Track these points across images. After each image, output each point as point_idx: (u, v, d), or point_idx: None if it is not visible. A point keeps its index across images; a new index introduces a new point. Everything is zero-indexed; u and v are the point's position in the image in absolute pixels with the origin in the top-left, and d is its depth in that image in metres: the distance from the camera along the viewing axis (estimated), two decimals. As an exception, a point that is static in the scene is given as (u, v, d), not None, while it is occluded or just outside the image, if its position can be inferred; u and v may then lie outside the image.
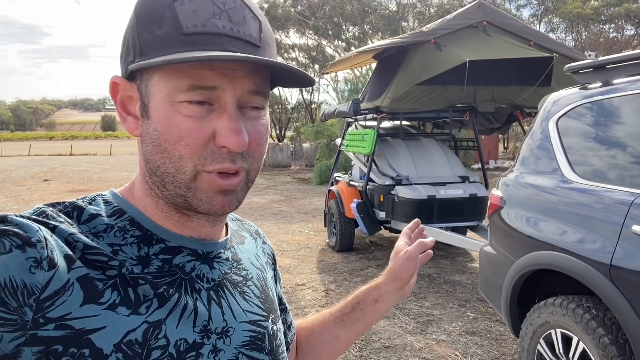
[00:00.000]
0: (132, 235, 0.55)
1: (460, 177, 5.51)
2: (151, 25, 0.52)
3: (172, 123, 0.52)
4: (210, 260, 0.60)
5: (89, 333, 0.47)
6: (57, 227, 0.50)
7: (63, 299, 0.46)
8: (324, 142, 16.61)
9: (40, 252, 0.46)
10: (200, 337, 0.54)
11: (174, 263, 0.56)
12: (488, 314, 4.09)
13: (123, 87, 0.57)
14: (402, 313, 4.11)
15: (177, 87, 0.51)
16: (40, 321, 0.45)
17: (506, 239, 2.78)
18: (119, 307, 0.49)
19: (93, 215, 0.55)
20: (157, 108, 0.53)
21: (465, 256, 5.97)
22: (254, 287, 0.65)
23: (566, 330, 2.27)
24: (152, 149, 0.54)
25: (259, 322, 0.62)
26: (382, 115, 5.45)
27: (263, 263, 0.72)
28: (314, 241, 6.92)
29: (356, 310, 0.82)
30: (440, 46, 5.16)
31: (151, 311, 0.51)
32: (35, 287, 0.45)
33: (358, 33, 24.60)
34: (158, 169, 0.54)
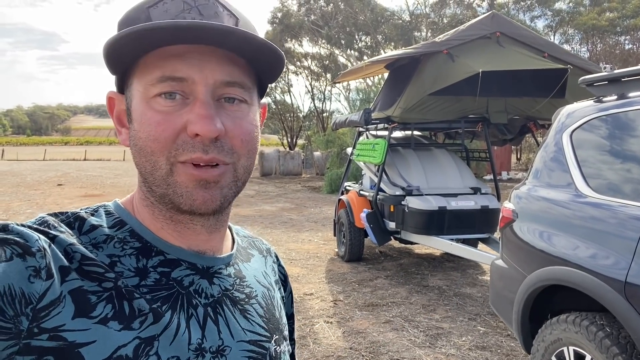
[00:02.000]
0: (132, 247, 0.55)
1: (472, 189, 5.45)
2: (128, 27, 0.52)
3: (144, 119, 0.53)
4: (210, 276, 0.59)
5: (79, 347, 0.46)
6: (57, 236, 0.50)
7: (58, 309, 0.46)
8: (335, 151, 16.61)
9: (39, 262, 0.46)
10: (194, 356, 0.52)
11: (172, 276, 0.55)
12: (499, 328, 4.01)
13: (118, 101, 0.58)
14: (411, 326, 4.06)
15: (148, 81, 0.52)
16: (35, 331, 0.45)
17: (518, 253, 2.74)
18: (111, 322, 0.48)
19: (94, 226, 0.54)
20: (136, 108, 0.54)
21: (476, 269, 5.89)
22: (257, 305, 0.63)
23: (579, 347, 2.21)
24: (135, 152, 0.55)
25: (260, 342, 0.60)
26: (394, 125, 5.43)
27: (272, 282, 0.70)
28: (323, 250, 6.89)
29: None
30: (452, 57, 5.14)
31: (145, 326, 0.50)
32: (33, 297, 0.45)
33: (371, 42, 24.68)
34: (142, 172, 0.55)
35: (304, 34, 25.29)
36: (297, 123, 28.76)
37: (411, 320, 4.18)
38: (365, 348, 3.63)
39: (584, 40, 22.94)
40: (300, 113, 28.62)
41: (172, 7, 0.53)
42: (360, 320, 4.18)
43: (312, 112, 27.58)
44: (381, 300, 4.71)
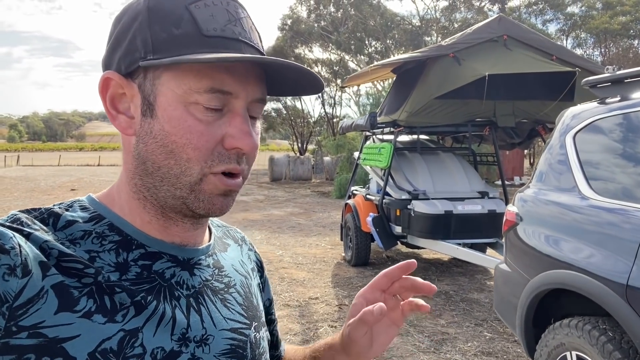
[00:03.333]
0: (111, 241, 0.54)
1: (479, 193, 5.40)
2: (167, 25, 0.51)
3: (183, 124, 0.52)
4: (191, 267, 0.59)
5: (62, 342, 0.46)
6: (31, 234, 0.49)
7: (37, 306, 0.45)
8: (345, 155, 16.59)
9: (13, 260, 0.45)
10: (178, 346, 0.53)
11: (153, 269, 0.55)
12: (505, 334, 3.96)
13: (116, 83, 0.55)
14: (416, 331, 4.03)
15: (194, 87, 0.51)
16: (13, 329, 0.44)
17: (521, 257, 2.70)
18: (95, 315, 0.48)
19: (70, 222, 0.53)
20: (167, 107, 0.52)
21: (484, 274, 5.82)
22: (236, 294, 0.63)
23: (582, 352, 2.17)
24: (156, 149, 0.53)
25: (241, 329, 0.61)
26: (400, 129, 5.42)
27: (248, 270, 0.71)
28: (330, 255, 6.88)
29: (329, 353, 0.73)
30: (459, 60, 5.12)
31: (128, 319, 0.50)
32: (9, 295, 0.44)
33: (381, 48, 24.69)
34: (159, 169, 0.53)
35: (314, 40, 25.39)
36: (308, 128, 28.83)
37: (416, 325, 4.14)
38: (368, 352, 3.60)
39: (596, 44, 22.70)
40: (310, 118, 28.69)
41: (217, 14, 0.53)
42: (365, 325, 4.15)
43: (323, 118, 27.63)
44: (387, 304, 4.67)
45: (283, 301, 4.79)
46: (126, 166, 0.57)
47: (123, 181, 0.58)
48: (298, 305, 4.68)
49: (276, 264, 6.28)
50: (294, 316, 4.38)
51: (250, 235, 8.27)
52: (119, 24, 0.55)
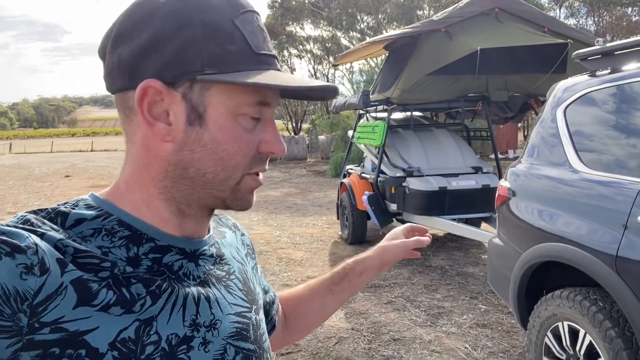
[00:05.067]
0: (121, 237, 0.56)
1: (473, 168, 5.43)
2: (221, 40, 0.54)
3: (234, 134, 0.56)
4: (196, 258, 0.62)
5: (83, 334, 0.48)
6: (45, 234, 0.50)
7: (56, 302, 0.47)
8: (340, 134, 16.52)
9: (30, 259, 0.46)
10: (190, 331, 0.56)
11: (162, 262, 0.57)
12: (500, 306, 4.04)
13: (156, 91, 0.55)
14: (412, 305, 4.10)
15: (245, 101, 0.56)
16: (36, 326, 0.46)
17: (514, 231, 2.74)
18: (112, 308, 0.50)
19: (78, 220, 0.55)
20: (218, 118, 0.56)
21: (479, 248, 5.90)
22: (236, 280, 0.67)
23: (573, 322, 2.23)
24: (204, 156, 0.56)
25: (243, 313, 0.64)
26: (393, 107, 5.40)
27: (243, 256, 0.74)
28: (327, 234, 6.93)
29: (344, 281, 0.90)
30: (450, 35, 5.07)
31: (144, 309, 0.52)
32: (28, 293, 0.46)
33: (373, 23, 24.33)
34: (204, 175, 0.57)
35: (305, 17, 24.98)
36: (302, 108, 28.61)
37: (413, 300, 4.21)
38: (366, 328, 3.67)
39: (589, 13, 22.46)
40: (303, 97, 28.39)
41: (256, 31, 0.57)
42: (362, 302, 4.23)
43: (316, 96, 27.32)
44: (383, 281, 4.74)
45: (282, 281, 4.85)
46: (150, 168, 0.58)
47: (140, 181, 0.59)
48: (296, 284, 4.74)
49: (274, 245, 6.34)
50: (292, 295, 4.44)
51: (247, 217, 8.32)
52: (147, 25, 0.55)
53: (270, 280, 4.88)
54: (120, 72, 0.56)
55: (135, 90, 0.54)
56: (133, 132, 0.58)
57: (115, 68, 0.57)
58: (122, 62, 0.56)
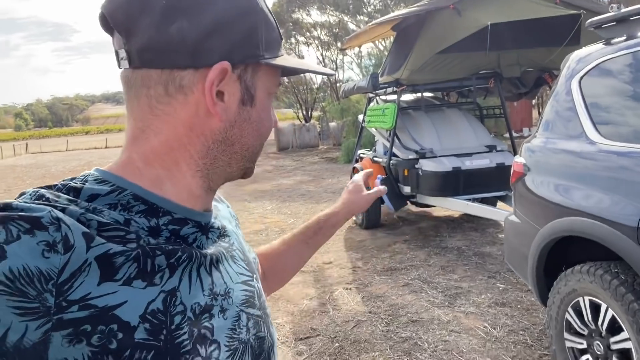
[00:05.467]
0: (138, 211, 0.55)
1: (487, 147, 5.35)
2: (270, 26, 0.60)
3: (269, 111, 0.63)
4: (207, 231, 0.63)
5: (113, 309, 0.48)
6: (66, 208, 0.49)
7: (80, 280, 0.46)
8: (350, 119, 16.43)
9: (53, 236, 0.45)
10: (210, 300, 0.58)
11: (180, 234, 0.58)
12: (519, 284, 4.00)
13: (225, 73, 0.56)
14: (429, 287, 4.08)
15: (275, 82, 0.63)
16: (63, 304, 0.45)
17: (530, 207, 2.69)
18: (134, 281, 0.50)
19: (92, 196, 0.53)
20: (262, 98, 0.61)
21: (496, 227, 5.84)
22: (237, 250, 0.69)
23: (594, 297, 2.19)
24: (251, 133, 0.61)
25: (248, 282, 0.67)
26: (402, 88, 5.32)
27: (234, 227, 0.75)
28: (341, 219, 6.91)
29: (318, 234, 0.97)
30: (459, 11, 4.95)
31: (165, 280, 0.53)
32: (52, 272, 0.45)
33: (380, 6, 23.98)
34: (248, 149, 0.62)
35: (311, 3, 24.71)
36: (311, 95, 28.46)
37: (430, 282, 4.19)
38: (384, 311, 3.67)
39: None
40: (313, 85, 28.28)
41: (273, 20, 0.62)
42: (379, 285, 4.22)
43: (326, 83, 27.20)
44: (400, 264, 4.73)
45: (297, 267, 4.86)
46: (189, 147, 0.58)
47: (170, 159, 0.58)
48: (312, 270, 4.75)
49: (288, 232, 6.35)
50: (309, 281, 4.45)
51: (261, 206, 8.35)
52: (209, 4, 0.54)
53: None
54: (182, 49, 0.54)
55: (195, 70, 0.55)
56: (172, 110, 0.56)
57: (173, 43, 0.53)
58: (185, 40, 0.53)
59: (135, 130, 0.58)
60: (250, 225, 6.77)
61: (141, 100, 0.57)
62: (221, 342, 0.57)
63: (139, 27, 0.53)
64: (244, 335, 0.61)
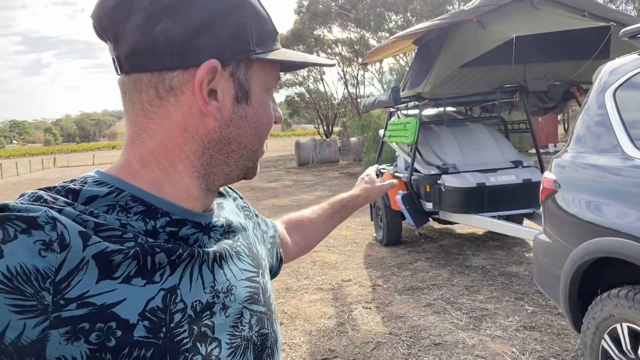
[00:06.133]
0: (136, 212, 0.54)
1: (513, 162, 5.18)
2: (261, 20, 0.58)
3: (266, 107, 0.61)
4: (209, 230, 0.62)
5: (112, 307, 0.47)
6: (62, 209, 0.49)
7: (78, 278, 0.46)
8: (371, 135, 16.36)
9: (49, 234, 0.45)
10: (211, 297, 0.57)
11: (179, 235, 0.57)
12: (548, 307, 3.80)
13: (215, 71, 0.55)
14: (453, 308, 3.92)
15: (271, 77, 0.60)
16: (61, 302, 0.45)
17: (562, 226, 2.54)
18: (134, 279, 0.50)
19: (91, 197, 0.53)
20: (258, 94, 0.59)
21: (522, 246, 5.63)
22: (242, 246, 0.67)
23: (633, 324, 2.03)
24: (248, 130, 0.59)
25: (253, 278, 0.66)
26: (425, 102, 5.22)
27: (242, 220, 0.74)
28: (361, 236, 6.80)
29: (342, 210, 1.08)
30: (483, 24, 4.85)
31: (165, 278, 0.52)
32: (49, 270, 0.45)
33: (401, 22, 24.01)
34: (245, 147, 0.60)
35: (332, 20, 24.92)
36: (332, 110, 28.55)
37: (453, 303, 4.03)
38: (405, 333, 3.52)
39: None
40: (334, 100, 28.39)
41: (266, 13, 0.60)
42: (400, 305, 4.08)
43: (346, 99, 27.28)
44: (421, 283, 4.57)
45: (316, 285, 4.75)
46: (185, 148, 0.57)
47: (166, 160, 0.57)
48: (331, 288, 4.64)
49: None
50: (327, 300, 4.34)
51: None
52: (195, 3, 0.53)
53: (304, 284, 4.80)
54: (168, 49, 0.53)
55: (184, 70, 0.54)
56: (165, 112, 0.56)
57: (159, 45, 0.53)
58: (170, 40, 0.53)
59: (132, 134, 0.58)
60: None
61: (135, 104, 0.57)
62: (222, 339, 0.57)
63: (125, 32, 0.53)
64: (246, 332, 0.61)
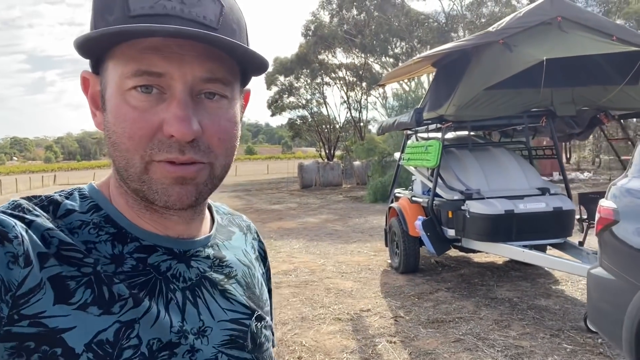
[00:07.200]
0: (107, 233, 0.54)
1: (539, 189, 4.96)
2: (104, 13, 0.50)
3: (119, 113, 0.51)
4: (187, 259, 0.58)
5: (61, 332, 0.46)
6: (33, 221, 0.49)
7: (38, 296, 0.46)
8: (376, 159, 16.23)
9: (16, 249, 0.45)
10: (177, 337, 0.53)
11: (148, 262, 0.54)
12: (588, 345, 3.52)
13: (92, 82, 0.55)
14: (485, 345, 3.63)
15: (124, 73, 0.50)
16: (15, 317, 0.45)
17: (627, 260, 2.30)
18: (90, 307, 0.48)
19: (69, 211, 0.53)
20: (110, 98, 0.52)
21: (547, 277, 5.36)
22: (237, 285, 0.62)
23: None
24: (107, 142, 0.53)
25: (241, 320, 0.60)
26: (448, 125, 5.03)
27: (252, 259, 0.69)
28: (374, 262, 6.51)
29: None
30: (510, 46, 4.70)
31: (125, 310, 0.50)
32: (12, 284, 0.44)
33: (406, 48, 24.20)
34: (114, 162, 0.54)
35: (337, 45, 25.13)
36: (334, 134, 28.54)
37: (484, 339, 3.74)
38: (437, 372, 3.23)
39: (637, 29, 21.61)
40: (337, 124, 28.41)
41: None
42: (427, 339, 3.78)
43: (349, 122, 27.30)
44: (446, 315, 4.28)
45: (333, 315, 4.46)
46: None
47: (112, 175, 0.58)
48: (350, 319, 4.34)
49: (319, 274, 5.96)
50: (347, 331, 4.04)
51: (288, 244, 8.01)
52: None
53: (320, 313, 4.50)
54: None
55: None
56: None
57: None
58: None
59: None
60: (278, 265, 6.41)
61: None
62: None
63: None
64: None
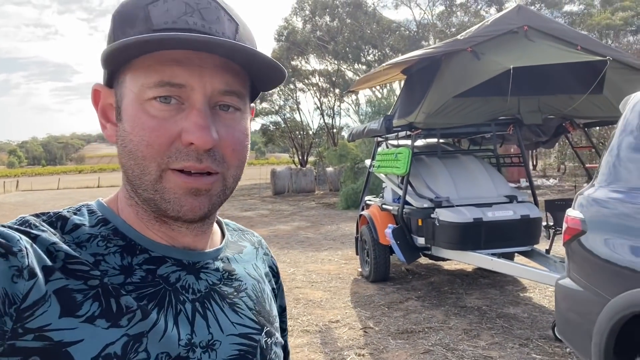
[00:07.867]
0: (116, 245, 0.54)
1: (507, 197, 4.97)
2: (125, 27, 0.52)
3: (137, 122, 0.52)
4: (197, 271, 0.58)
5: (67, 346, 0.45)
6: (38, 236, 0.49)
7: (43, 309, 0.45)
8: (348, 165, 16.21)
9: (21, 262, 0.45)
10: (185, 351, 0.52)
11: (157, 273, 0.54)
12: (556, 355, 3.51)
13: (104, 94, 0.56)
14: (454, 356, 3.56)
15: (145, 84, 0.51)
16: (19, 331, 0.44)
17: (595, 272, 2.26)
18: (98, 320, 0.48)
19: (77, 225, 0.54)
20: (127, 108, 0.53)
21: (515, 284, 5.37)
22: (247, 298, 0.62)
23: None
24: (122, 151, 0.53)
25: (251, 335, 0.60)
26: (417, 132, 5.00)
27: (262, 274, 0.69)
28: (345, 270, 6.42)
29: None
30: (478, 54, 4.72)
31: (133, 323, 0.49)
32: (16, 297, 0.44)
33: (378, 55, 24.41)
34: (127, 172, 0.54)
35: (310, 51, 25.14)
36: (307, 140, 28.48)
37: (454, 349, 3.68)
38: (406, 386, 3.14)
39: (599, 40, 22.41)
40: (310, 130, 28.36)
41: (173, 8, 0.51)
42: (396, 351, 3.70)
43: (322, 129, 27.30)
44: (416, 325, 4.22)
45: (301, 326, 4.33)
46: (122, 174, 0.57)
47: (122, 188, 0.59)
48: (318, 330, 4.22)
49: (289, 284, 5.83)
50: (315, 344, 3.92)
51: (258, 253, 7.84)
52: None
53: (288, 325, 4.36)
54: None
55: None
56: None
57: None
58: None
59: None
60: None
61: None
62: None
63: None
64: None
